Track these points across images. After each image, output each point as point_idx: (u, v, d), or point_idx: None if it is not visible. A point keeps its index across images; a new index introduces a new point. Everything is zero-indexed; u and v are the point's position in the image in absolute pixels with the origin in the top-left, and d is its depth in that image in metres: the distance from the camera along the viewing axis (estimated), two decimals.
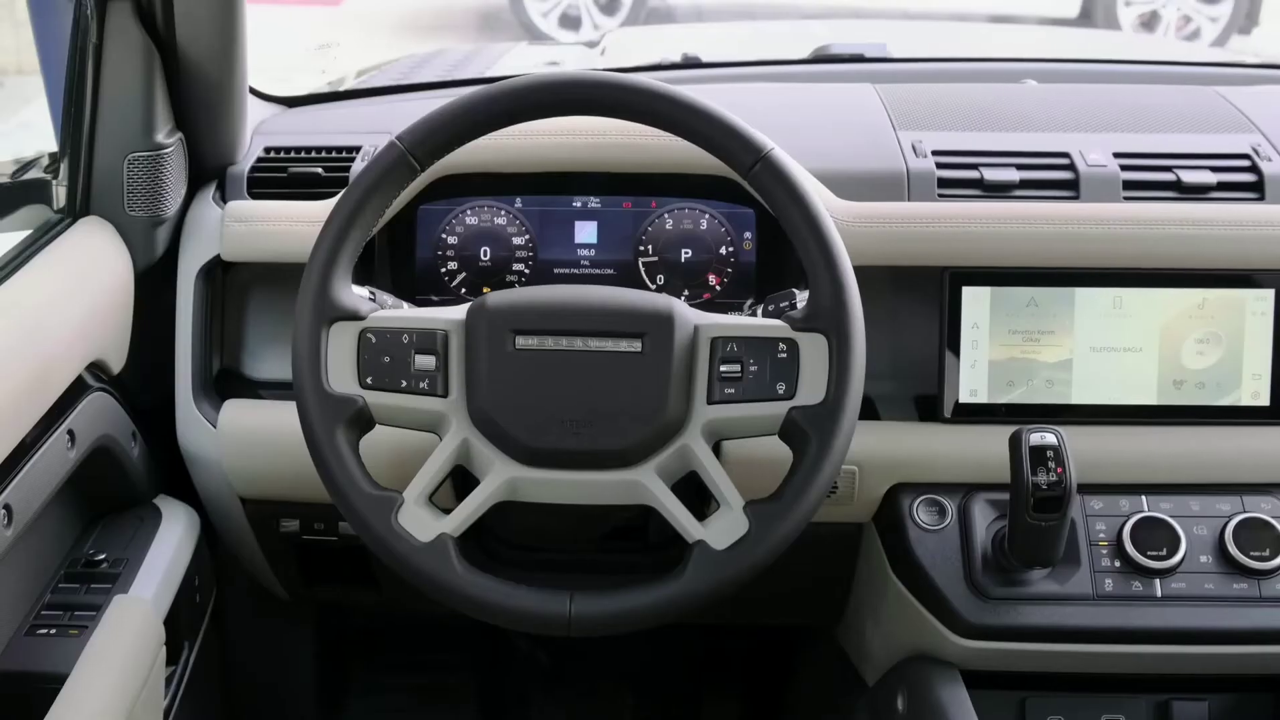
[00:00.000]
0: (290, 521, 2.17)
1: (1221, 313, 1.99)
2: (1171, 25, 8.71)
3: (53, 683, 1.71)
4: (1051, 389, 2.00)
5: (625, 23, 8.78)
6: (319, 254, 1.69)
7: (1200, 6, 8.69)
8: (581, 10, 8.82)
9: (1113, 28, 8.64)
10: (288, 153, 2.19)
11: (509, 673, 2.88)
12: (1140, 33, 8.73)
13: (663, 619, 1.65)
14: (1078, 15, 8.83)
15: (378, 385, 1.69)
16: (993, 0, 8.71)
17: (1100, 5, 8.71)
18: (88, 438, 1.89)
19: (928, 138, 2.14)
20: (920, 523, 1.97)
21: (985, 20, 8.16)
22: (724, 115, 1.69)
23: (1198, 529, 1.94)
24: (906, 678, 2.01)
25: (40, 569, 1.94)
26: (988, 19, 8.25)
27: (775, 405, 1.67)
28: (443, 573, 1.64)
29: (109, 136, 2.00)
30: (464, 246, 2.12)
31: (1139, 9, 8.72)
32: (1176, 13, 8.70)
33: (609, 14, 8.83)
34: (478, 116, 1.71)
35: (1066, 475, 1.78)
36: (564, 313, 1.70)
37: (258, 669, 2.58)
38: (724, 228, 2.11)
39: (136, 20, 1.97)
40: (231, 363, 2.15)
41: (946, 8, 8.97)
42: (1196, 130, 2.19)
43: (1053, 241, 1.97)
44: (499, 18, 9.06)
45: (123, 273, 2.02)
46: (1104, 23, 8.67)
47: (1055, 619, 1.89)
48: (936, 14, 8.81)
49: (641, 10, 8.84)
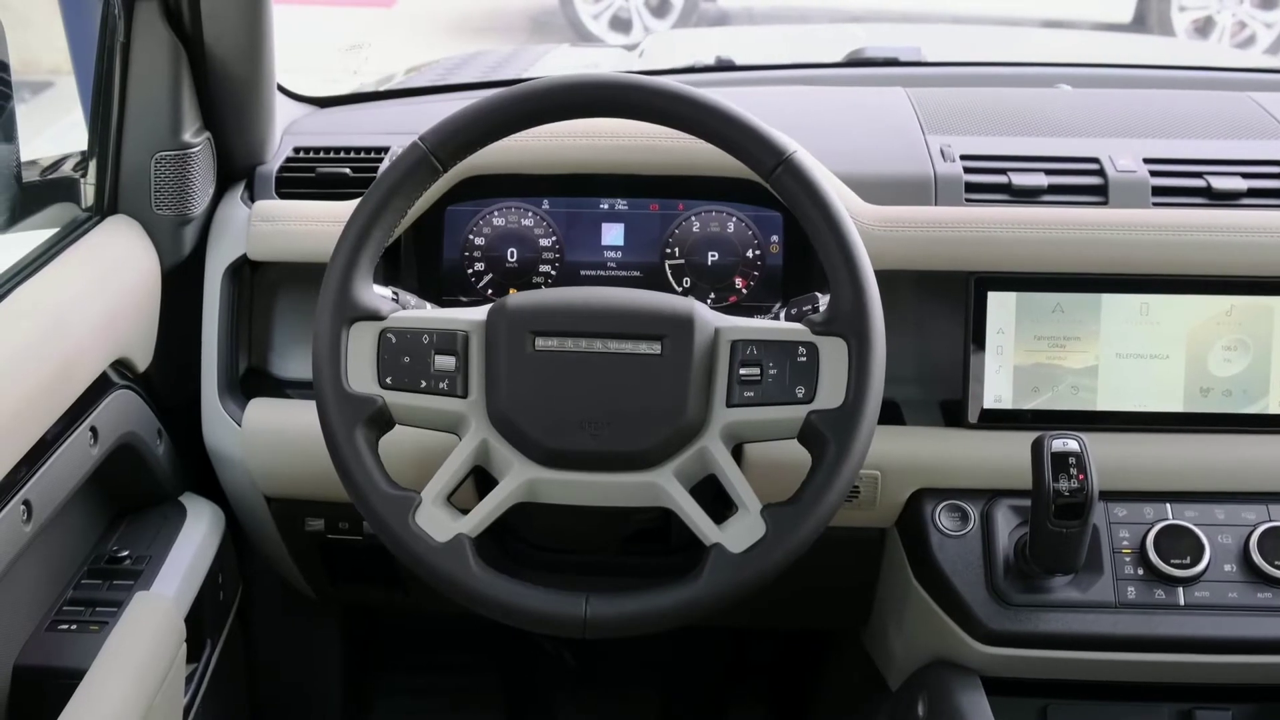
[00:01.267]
0: (315, 521, 2.18)
1: (1249, 319, 1.98)
2: (1226, 31, 8.63)
3: (71, 678, 1.71)
4: (1077, 395, 1.98)
5: (676, 25, 8.78)
6: (340, 254, 1.70)
7: (1255, 12, 8.61)
8: (632, 13, 8.82)
9: (1167, 34, 8.57)
10: (317, 153, 2.20)
11: (535, 674, 2.89)
12: (1194, 39, 8.65)
13: (678, 622, 1.64)
14: (1131, 21, 8.75)
15: (397, 385, 1.69)
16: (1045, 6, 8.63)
17: (1154, 11, 8.65)
18: (111, 435, 1.90)
19: (956, 142, 2.13)
20: (942, 528, 1.96)
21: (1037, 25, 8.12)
22: (746, 118, 1.69)
23: (1222, 537, 1.92)
24: (927, 683, 2.00)
25: (63, 565, 1.95)
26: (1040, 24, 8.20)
27: (794, 409, 1.66)
28: (459, 573, 1.64)
29: (136, 135, 2.02)
30: (491, 247, 2.12)
31: (1193, 14, 8.64)
32: (1231, 19, 8.62)
33: (659, 16, 8.83)
34: (500, 117, 1.72)
35: (1088, 482, 1.77)
36: (583, 314, 1.70)
37: (284, 668, 2.59)
38: (751, 231, 2.10)
39: (164, 19, 1.98)
40: (259, 362, 2.16)
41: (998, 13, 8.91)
42: (1229, 136, 2.18)
43: (1079, 247, 1.96)
44: (550, 20, 9.07)
45: (149, 271, 2.03)
46: (1158, 29, 8.59)
47: (1076, 626, 1.88)
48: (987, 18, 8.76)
49: (693, 13, 8.84)
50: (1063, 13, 8.54)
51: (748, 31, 6.26)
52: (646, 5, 8.83)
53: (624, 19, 8.82)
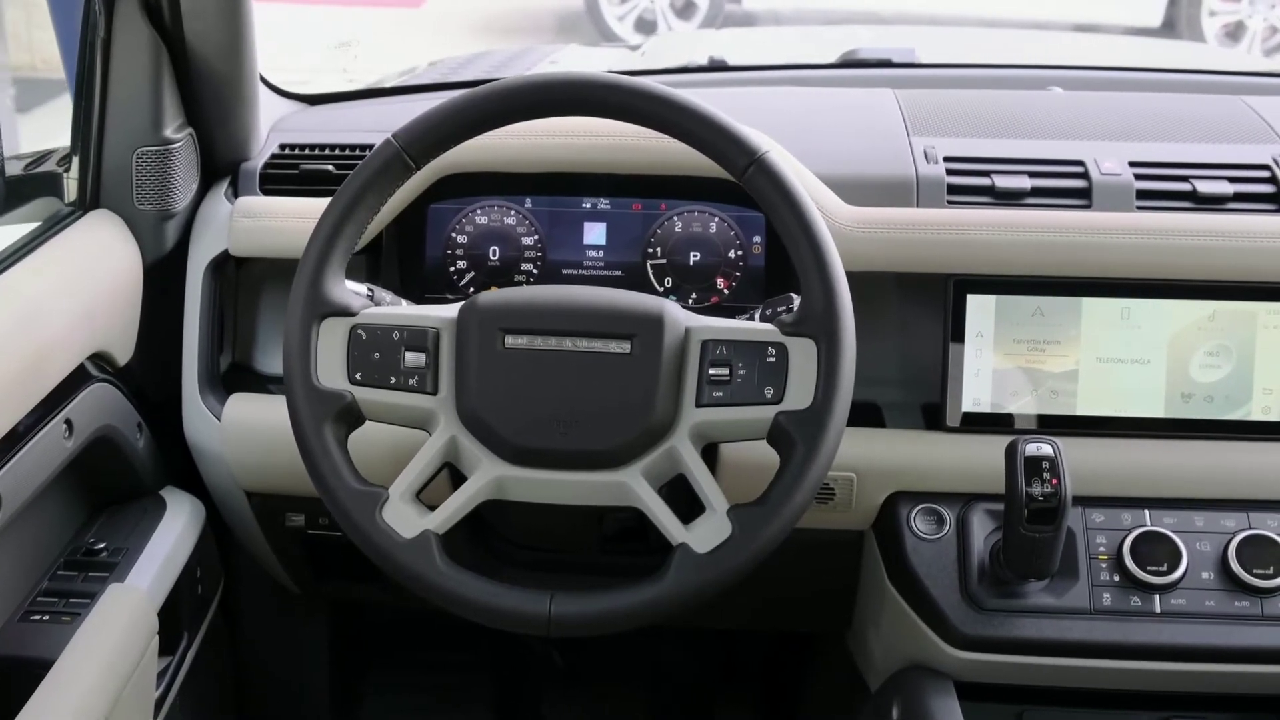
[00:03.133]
0: (296, 516, 2.18)
1: (1232, 325, 1.96)
2: (1258, 36, 8.57)
3: (41, 669, 1.72)
4: (1056, 400, 1.97)
5: (701, 26, 8.77)
6: (312, 250, 1.71)
7: None
8: (657, 14, 8.82)
9: (1196, 38, 8.52)
10: (302, 150, 2.20)
11: (524, 672, 2.89)
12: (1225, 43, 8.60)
13: (643, 621, 1.64)
14: (1160, 25, 8.70)
15: (366, 381, 1.69)
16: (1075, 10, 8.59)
17: (1184, 16, 8.60)
18: (88, 427, 1.91)
19: (941, 144, 2.12)
20: (917, 531, 1.95)
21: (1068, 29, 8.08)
22: (717, 117, 1.68)
23: (1200, 545, 1.90)
24: (902, 687, 1.99)
25: (39, 556, 1.96)
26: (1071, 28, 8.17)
27: (762, 409, 1.65)
28: (424, 570, 1.64)
29: (118, 131, 2.03)
30: (473, 246, 2.12)
31: (1223, 19, 8.59)
32: (1263, 23, 8.56)
33: (685, 18, 8.82)
34: (471, 116, 1.71)
35: (1062, 487, 1.76)
36: (553, 312, 1.70)
37: (272, 665, 2.60)
38: (733, 231, 2.09)
39: (144, 16, 1.99)
40: (243, 357, 2.17)
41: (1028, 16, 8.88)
42: (1218, 140, 2.16)
43: (1059, 250, 1.95)
44: (576, 21, 9.08)
45: (131, 266, 2.04)
46: (1188, 33, 8.54)
47: (1050, 632, 1.87)
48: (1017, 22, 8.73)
49: (718, 14, 8.83)
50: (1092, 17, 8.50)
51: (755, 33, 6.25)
52: (671, 7, 8.83)
53: (649, 20, 8.82)
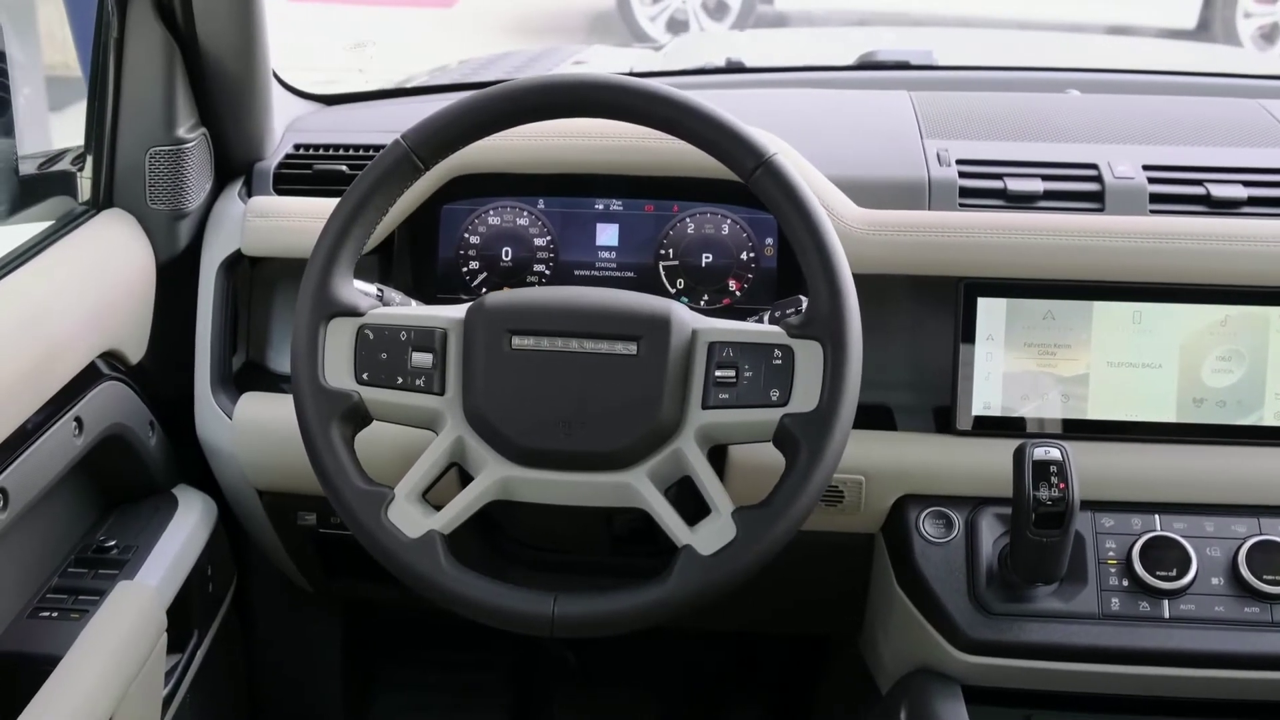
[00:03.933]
0: (308, 515, 2.19)
1: (1245, 330, 1.95)
2: None
3: (48, 665, 1.73)
4: (1067, 404, 1.96)
5: (733, 26, 8.75)
6: (320, 250, 1.71)
7: None
8: (689, 14, 8.81)
9: (1231, 40, 8.47)
10: (316, 150, 2.21)
11: (536, 673, 2.89)
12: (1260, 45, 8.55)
13: (646, 623, 1.64)
14: (1195, 27, 8.65)
15: (373, 381, 1.70)
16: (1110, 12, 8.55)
17: (1219, 17, 8.55)
18: (98, 425, 1.92)
19: (954, 146, 2.11)
20: (926, 535, 1.95)
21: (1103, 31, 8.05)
22: (725, 119, 1.68)
23: (1210, 550, 1.89)
24: (910, 691, 1.98)
25: (49, 553, 1.97)
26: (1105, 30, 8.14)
27: (768, 411, 1.65)
28: (429, 569, 1.64)
29: (130, 130, 2.04)
30: (486, 246, 2.12)
31: (1259, 21, 8.54)
32: None
33: (717, 18, 8.81)
34: (479, 117, 1.72)
35: (1069, 491, 1.75)
36: (560, 314, 1.70)
37: (284, 663, 2.61)
38: (746, 233, 2.09)
39: (156, 16, 2.00)
40: (256, 356, 2.18)
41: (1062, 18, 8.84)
42: (1234, 143, 2.15)
43: (1070, 254, 1.94)
44: (608, 21, 9.08)
45: (143, 265, 2.05)
46: (1223, 36, 8.49)
47: (1058, 637, 1.86)
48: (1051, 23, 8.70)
49: (750, 14, 8.81)
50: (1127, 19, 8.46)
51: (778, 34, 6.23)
52: (704, 7, 8.81)
53: (681, 20, 8.81)
